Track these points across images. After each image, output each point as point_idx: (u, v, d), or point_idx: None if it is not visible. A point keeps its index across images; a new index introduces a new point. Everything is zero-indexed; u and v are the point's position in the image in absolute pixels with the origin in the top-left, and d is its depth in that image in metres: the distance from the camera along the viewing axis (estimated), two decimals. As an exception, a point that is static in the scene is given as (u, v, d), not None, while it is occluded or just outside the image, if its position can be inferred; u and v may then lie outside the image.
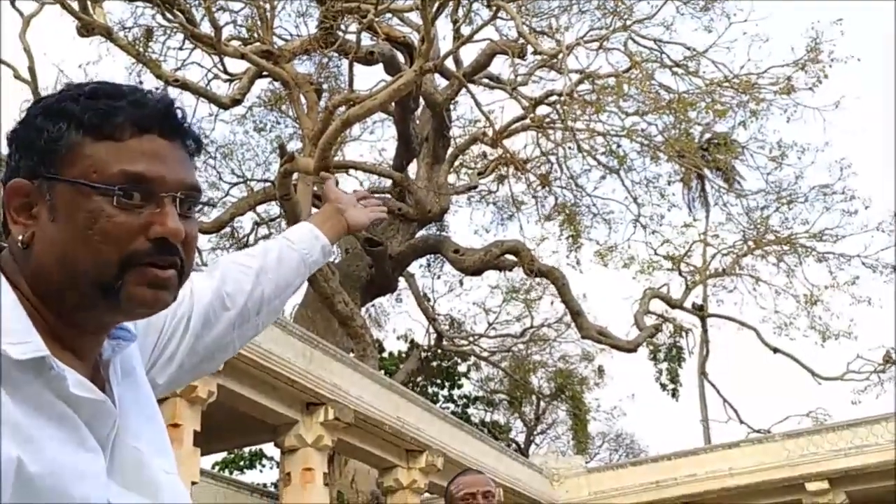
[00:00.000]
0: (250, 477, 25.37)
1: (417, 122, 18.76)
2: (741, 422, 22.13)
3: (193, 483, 9.33)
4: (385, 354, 26.32)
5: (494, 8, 14.89)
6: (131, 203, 0.91)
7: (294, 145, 19.51)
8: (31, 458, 0.80)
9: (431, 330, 24.22)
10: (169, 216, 0.93)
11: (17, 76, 14.72)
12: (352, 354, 14.67)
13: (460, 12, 16.95)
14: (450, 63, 17.23)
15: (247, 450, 24.65)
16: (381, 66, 17.66)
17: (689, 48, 17.51)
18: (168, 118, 0.97)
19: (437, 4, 13.79)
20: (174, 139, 0.98)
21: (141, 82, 17.87)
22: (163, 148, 0.96)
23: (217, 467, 24.26)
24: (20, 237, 0.92)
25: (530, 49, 15.91)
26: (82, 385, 0.88)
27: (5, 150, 0.98)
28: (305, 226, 1.50)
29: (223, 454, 24.21)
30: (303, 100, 15.71)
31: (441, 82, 18.00)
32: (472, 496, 2.64)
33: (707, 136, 19.44)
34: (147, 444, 0.96)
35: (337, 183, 1.65)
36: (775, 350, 20.89)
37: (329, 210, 1.56)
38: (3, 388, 0.81)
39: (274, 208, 20.40)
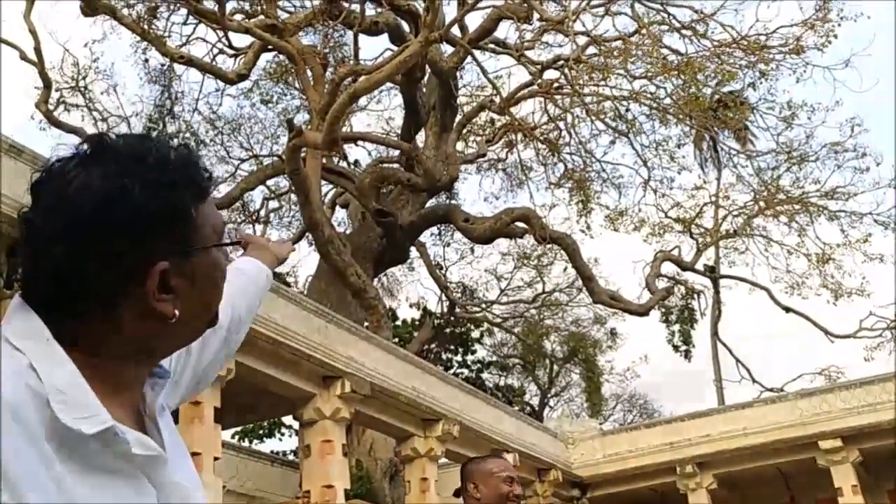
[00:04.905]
0: (270, 445, 25.81)
1: (424, 90, 18.67)
2: (754, 381, 22.29)
3: (216, 459, 9.52)
4: (398, 323, 26.53)
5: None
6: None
7: (301, 117, 19.50)
8: None
9: (444, 298, 24.36)
10: None
11: (24, 57, 14.71)
12: (365, 325, 14.82)
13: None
14: (455, 30, 17.08)
15: (265, 420, 24.97)
16: (385, 35, 17.55)
17: (696, 11, 17.30)
18: None
19: (441, -28, 13.65)
20: None
21: (146, 60, 17.87)
22: None
23: (237, 437, 24.66)
24: (175, 313, 0.98)
25: (536, 14, 15.74)
26: (141, 443, 0.95)
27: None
28: (247, 260, 1.63)
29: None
30: (309, 73, 15.65)
31: (447, 49, 17.86)
32: (511, 480, 2.82)
33: (717, 96, 19.28)
34: (186, 479, 1.03)
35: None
36: (787, 309, 20.93)
37: (258, 250, 1.69)
38: (74, 463, 0.88)
39: (284, 182, 20.45)
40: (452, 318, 25.71)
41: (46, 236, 0.94)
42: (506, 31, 18.68)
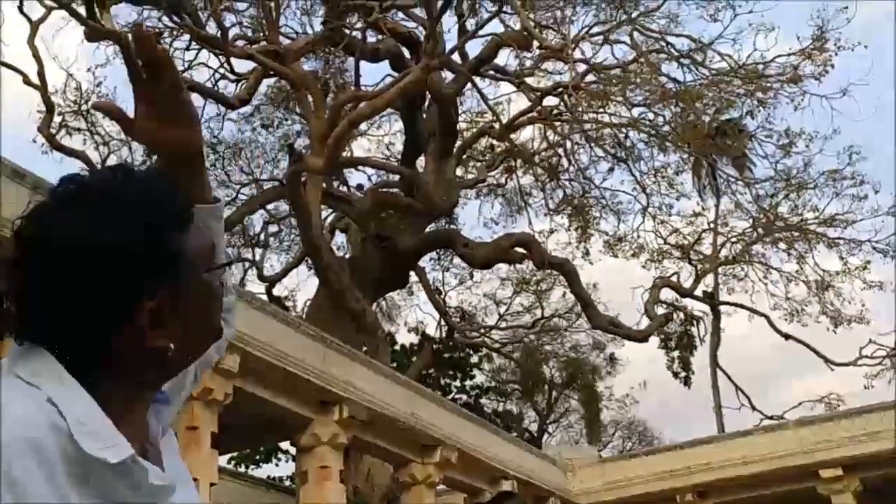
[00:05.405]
0: (266, 470, 25.62)
1: (424, 116, 18.79)
2: (754, 409, 22.18)
3: (212, 484, 9.46)
4: (397, 347, 26.46)
5: (499, 1, 14.88)
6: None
7: (302, 142, 19.60)
8: None
9: (443, 323, 24.32)
10: None
11: (27, 82, 14.80)
12: (364, 349, 14.77)
13: (465, 5, 16.99)
14: (455, 57, 17.24)
15: (262, 445, 24.79)
16: (386, 61, 17.70)
17: (694, 40, 17.48)
18: None
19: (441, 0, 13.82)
20: None
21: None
22: None
23: (233, 462, 24.48)
24: (170, 346, 0.99)
25: (536, 43, 15.91)
26: (156, 474, 0.97)
27: None
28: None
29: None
30: (310, 98, 15.76)
31: (448, 75, 18.01)
32: None
33: (715, 124, 19.43)
34: (188, 501, 1.06)
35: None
36: (787, 336, 20.88)
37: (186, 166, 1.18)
38: (89, 495, 0.90)
39: (284, 206, 20.50)
40: (451, 344, 25.66)
41: (33, 283, 0.96)
42: (506, 58, 18.87)
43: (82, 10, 13.02)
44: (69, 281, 0.94)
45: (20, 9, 14.28)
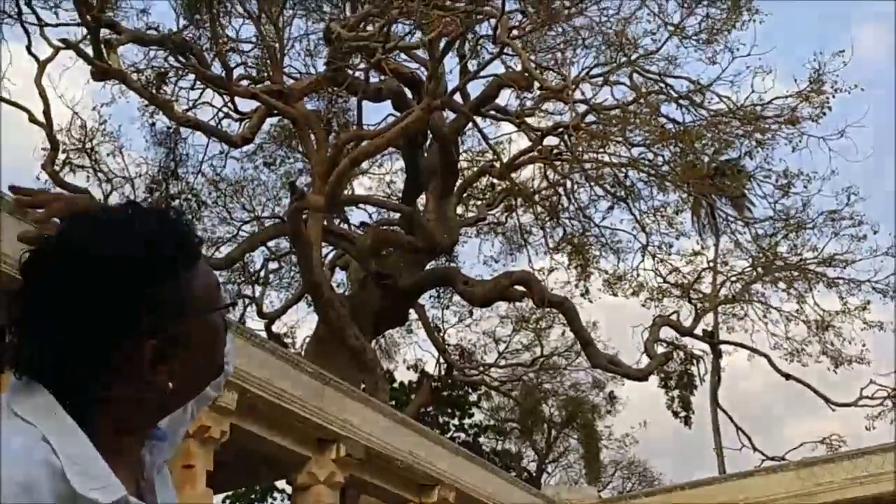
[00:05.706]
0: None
1: (425, 154, 18.95)
2: (755, 449, 21.97)
3: (207, 524, 9.38)
4: (396, 385, 26.33)
5: (500, 44, 15.11)
6: None
7: (303, 180, 19.75)
8: None
9: (442, 360, 24.24)
10: None
11: (33, 119, 14.98)
12: (362, 387, 14.72)
13: (466, 47, 17.26)
14: (457, 97, 17.46)
15: (259, 483, 24.54)
16: (388, 101, 17.90)
17: (693, 82, 17.71)
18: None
19: (444, 42, 14.06)
20: None
21: (153, 123, 18.18)
22: None
23: (228, 501, 24.22)
24: (169, 385, 1.01)
25: (536, 83, 16.13)
26: None
27: None
28: None
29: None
30: (312, 137, 15.93)
31: (449, 115, 18.20)
32: None
33: (714, 165, 19.58)
34: None
35: None
36: (787, 376, 20.79)
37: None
38: None
39: (284, 243, 20.57)
40: (450, 381, 25.54)
41: (37, 317, 0.97)
42: (507, 98, 19.09)
43: (90, 50, 13.26)
44: (71, 316, 0.96)
45: (28, 49, 14.52)
